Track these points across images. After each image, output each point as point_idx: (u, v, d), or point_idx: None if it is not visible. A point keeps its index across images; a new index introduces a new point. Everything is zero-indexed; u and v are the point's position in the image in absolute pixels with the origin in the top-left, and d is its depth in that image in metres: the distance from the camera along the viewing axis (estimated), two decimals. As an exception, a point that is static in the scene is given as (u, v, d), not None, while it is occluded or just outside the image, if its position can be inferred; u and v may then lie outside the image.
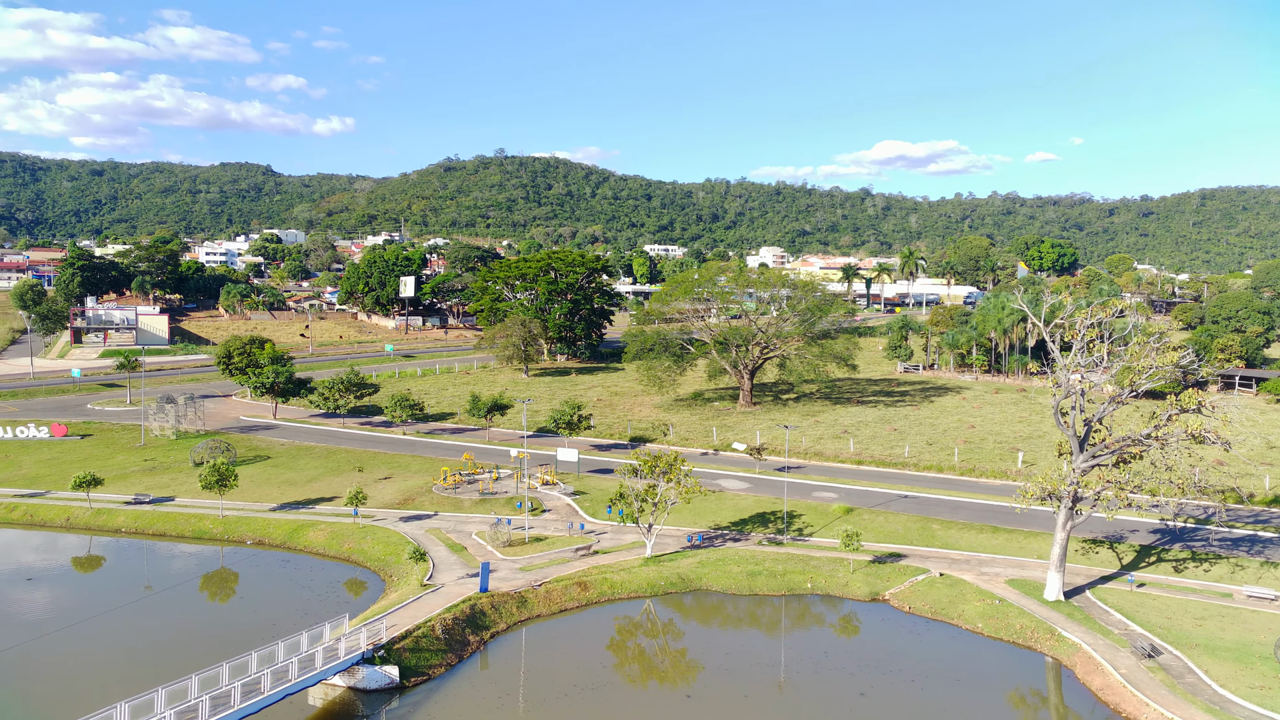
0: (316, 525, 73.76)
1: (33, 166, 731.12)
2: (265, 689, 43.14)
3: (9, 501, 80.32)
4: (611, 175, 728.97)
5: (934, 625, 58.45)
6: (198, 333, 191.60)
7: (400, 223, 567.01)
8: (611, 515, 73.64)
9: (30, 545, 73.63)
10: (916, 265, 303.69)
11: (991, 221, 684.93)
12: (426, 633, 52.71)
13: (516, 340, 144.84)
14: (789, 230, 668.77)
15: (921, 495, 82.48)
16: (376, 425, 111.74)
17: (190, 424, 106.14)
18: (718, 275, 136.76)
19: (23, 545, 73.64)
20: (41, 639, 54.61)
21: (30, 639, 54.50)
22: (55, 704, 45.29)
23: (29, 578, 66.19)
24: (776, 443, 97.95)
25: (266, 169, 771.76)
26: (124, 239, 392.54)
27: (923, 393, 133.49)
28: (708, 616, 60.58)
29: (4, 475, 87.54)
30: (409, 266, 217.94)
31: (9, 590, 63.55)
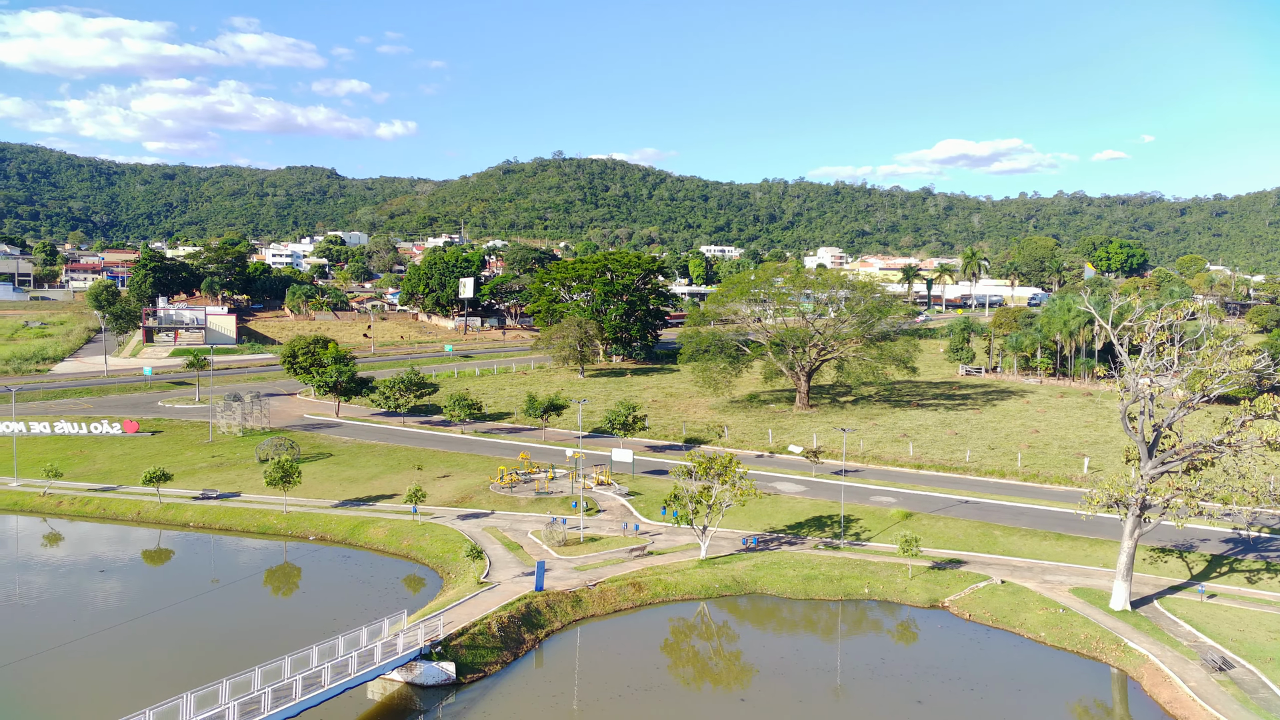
0: (376, 522, 75.01)
1: (108, 171, 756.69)
2: (325, 682, 43.99)
3: (84, 495, 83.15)
4: (668, 176, 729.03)
5: (995, 633, 57.31)
6: (264, 332, 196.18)
7: (460, 225, 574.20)
8: (666, 516, 73.61)
9: (103, 538, 76.13)
10: (979, 266, 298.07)
11: (1057, 221, 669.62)
12: (483, 630, 53.25)
13: (572, 341, 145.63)
14: (848, 231, 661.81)
15: (983, 501, 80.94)
16: (435, 424, 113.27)
17: (256, 422, 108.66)
18: (774, 276, 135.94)
19: (96, 538, 76.17)
20: (113, 628, 56.43)
21: (102, 628, 56.36)
22: (125, 692, 46.68)
23: (102, 569, 68.42)
24: (833, 446, 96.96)
25: (331, 172, 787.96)
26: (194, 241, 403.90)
27: (985, 396, 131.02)
28: (762, 620, 60.21)
29: (79, 470, 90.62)
30: (468, 268, 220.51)
31: (84, 581, 65.77)
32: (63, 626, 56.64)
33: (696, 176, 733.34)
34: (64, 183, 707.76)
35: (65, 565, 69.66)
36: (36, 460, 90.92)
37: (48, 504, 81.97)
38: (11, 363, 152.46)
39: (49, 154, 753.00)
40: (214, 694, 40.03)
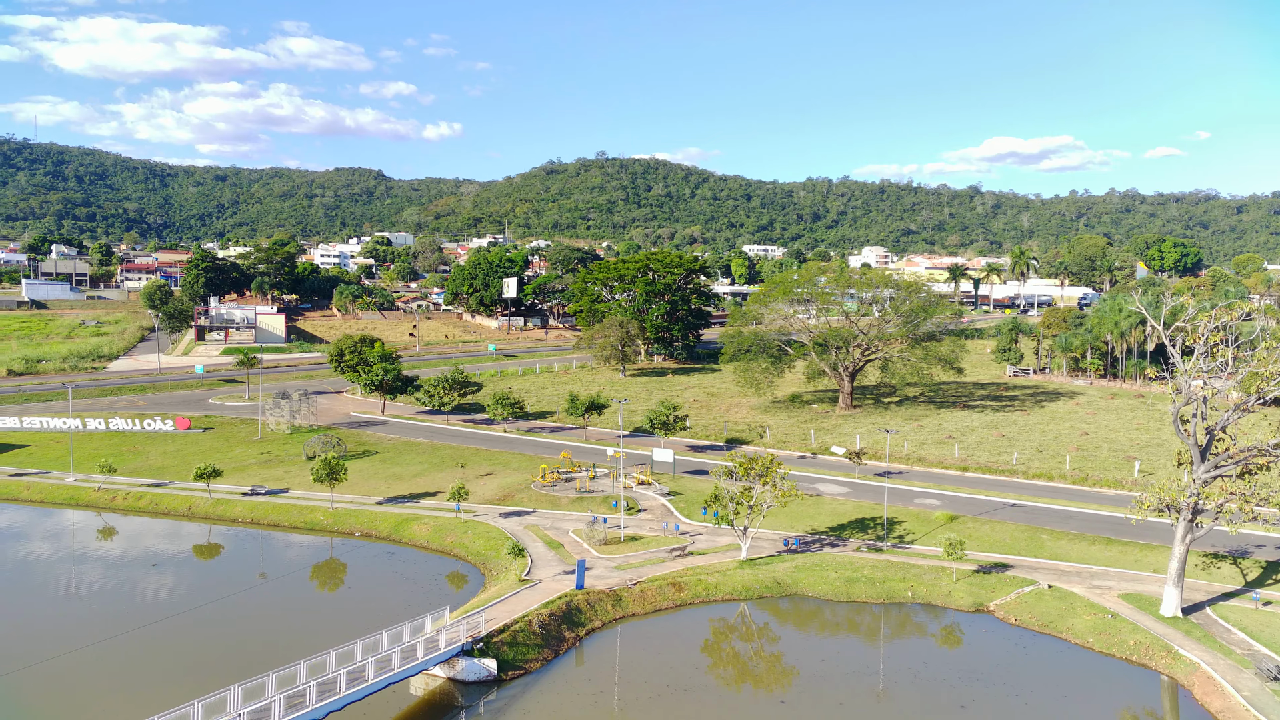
0: (420, 519, 75.84)
1: (162, 173, 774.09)
2: (369, 677, 44.57)
3: (137, 490, 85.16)
4: (711, 175, 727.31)
5: (1041, 639, 56.39)
6: (312, 331, 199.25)
7: (504, 225, 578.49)
8: (706, 517, 73.50)
9: (155, 532, 77.90)
10: (1028, 265, 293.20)
11: (1109, 220, 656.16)
12: (524, 627, 53.59)
13: (614, 341, 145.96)
14: (893, 230, 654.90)
15: (1030, 504, 79.66)
16: (479, 422, 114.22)
17: (304, 419, 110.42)
18: (818, 276, 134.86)
19: (149, 532, 77.96)
20: (165, 621, 57.71)
21: (154, 621, 57.66)
22: (174, 684, 47.70)
23: (154, 563, 70.02)
24: (877, 447, 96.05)
25: (378, 174, 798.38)
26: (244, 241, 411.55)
27: (1033, 397, 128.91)
28: (804, 622, 59.84)
29: (133, 466, 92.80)
30: (511, 268, 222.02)
31: (137, 574, 67.37)
32: (116, 618, 58.07)
33: (740, 176, 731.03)
34: (120, 185, 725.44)
35: (119, 559, 71.40)
36: (92, 456, 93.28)
37: (103, 499, 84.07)
38: (69, 360, 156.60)
39: (105, 157, 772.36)
40: (260, 687, 40.76)
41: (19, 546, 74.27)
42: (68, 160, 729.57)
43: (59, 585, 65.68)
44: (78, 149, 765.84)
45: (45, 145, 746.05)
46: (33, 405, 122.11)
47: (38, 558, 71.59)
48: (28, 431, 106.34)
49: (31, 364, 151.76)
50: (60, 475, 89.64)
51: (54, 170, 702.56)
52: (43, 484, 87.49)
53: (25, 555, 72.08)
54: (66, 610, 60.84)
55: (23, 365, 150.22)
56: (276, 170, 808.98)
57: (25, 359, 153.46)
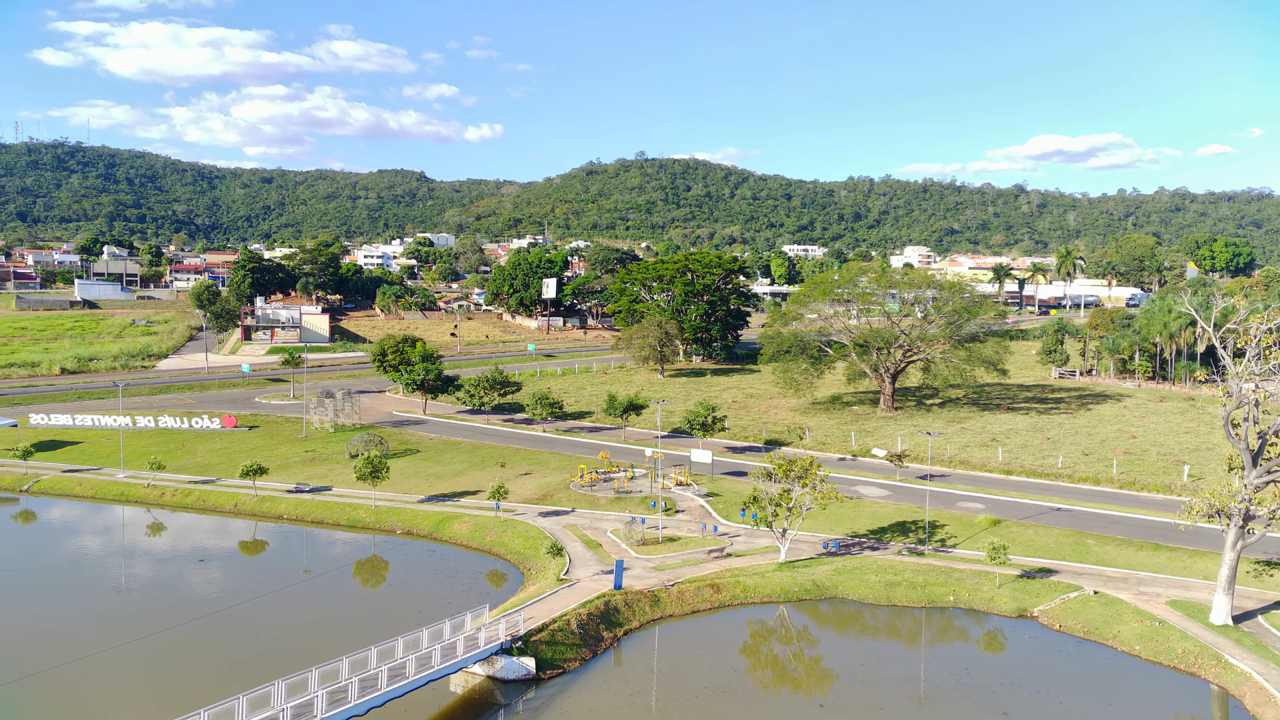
0: (461, 517, 76.49)
1: (210, 175, 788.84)
2: (410, 674, 45.05)
3: (185, 487, 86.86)
4: (751, 175, 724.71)
5: (1086, 646, 55.44)
6: (355, 331, 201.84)
7: (544, 226, 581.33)
8: (745, 518, 73.26)
9: (203, 528, 79.41)
10: (1074, 265, 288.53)
11: (1158, 219, 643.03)
12: (562, 626, 53.82)
13: (653, 341, 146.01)
14: (936, 229, 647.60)
15: (1075, 508, 78.34)
16: (518, 422, 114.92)
17: (347, 418, 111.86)
18: (859, 276, 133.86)
19: (197, 528, 79.50)
20: (211, 616, 58.82)
21: (201, 616, 58.79)
22: (219, 677, 48.60)
23: (201, 559, 71.38)
24: (919, 450, 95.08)
25: (420, 175, 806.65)
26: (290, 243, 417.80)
27: (1079, 400, 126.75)
28: (843, 625, 59.42)
29: (181, 463, 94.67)
30: (551, 269, 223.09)
31: (185, 570, 68.72)
32: (164, 612, 59.28)
33: (780, 175, 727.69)
34: (169, 187, 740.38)
35: (168, 554, 72.89)
36: (141, 453, 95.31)
37: (151, 495, 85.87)
38: (119, 359, 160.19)
39: (155, 159, 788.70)
40: (303, 682, 41.38)
41: (72, 541, 76.15)
42: (119, 163, 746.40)
43: (110, 579, 67.24)
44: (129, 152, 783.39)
45: (98, 148, 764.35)
46: (85, 403, 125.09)
47: (90, 552, 73.34)
48: (80, 429, 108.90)
49: (84, 362, 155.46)
50: (111, 472, 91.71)
51: (106, 173, 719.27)
52: (94, 480, 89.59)
53: (78, 549, 73.88)
54: (117, 603, 62.28)
55: (75, 364, 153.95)
56: (321, 172, 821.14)
57: (78, 358, 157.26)
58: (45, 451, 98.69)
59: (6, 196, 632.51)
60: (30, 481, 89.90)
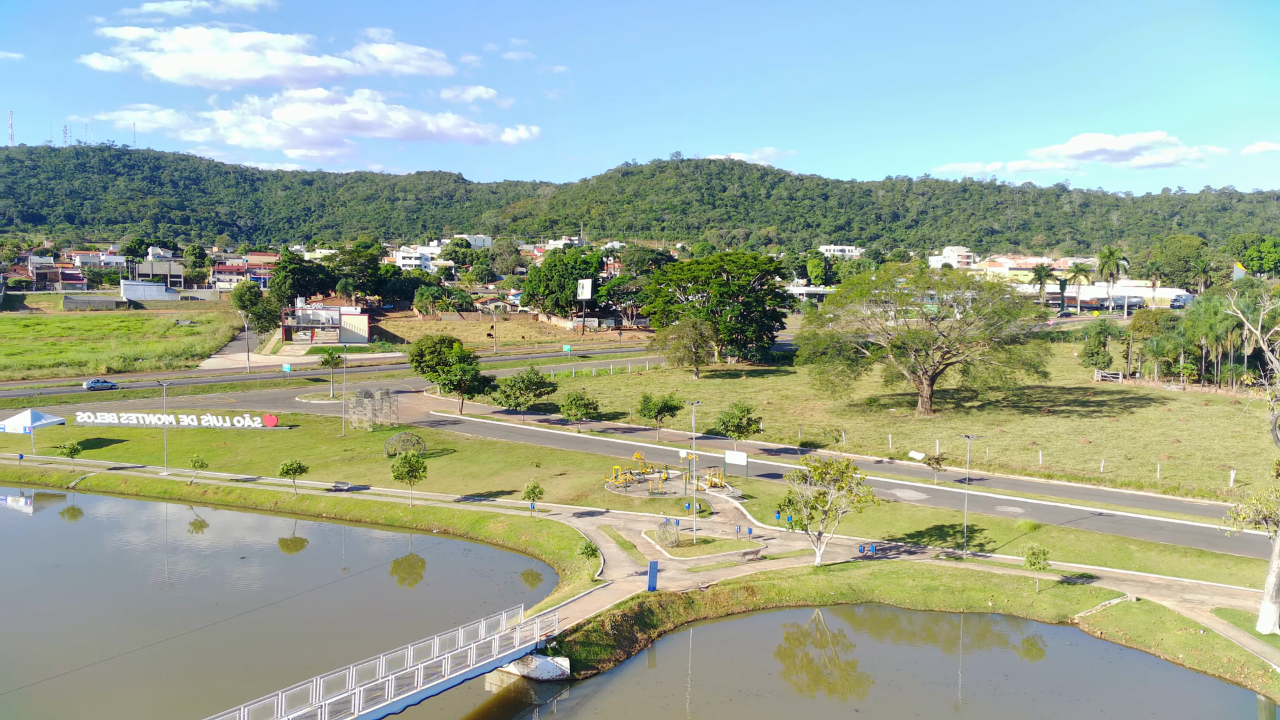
0: (496, 517, 76.95)
1: (252, 178, 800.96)
2: (445, 672, 45.40)
3: (227, 485, 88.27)
4: (787, 175, 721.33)
5: (1128, 653, 54.49)
6: (393, 332, 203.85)
7: (579, 227, 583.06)
8: (780, 521, 72.95)
9: (244, 525, 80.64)
10: (1117, 266, 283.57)
11: (1203, 218, 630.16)
12: (596, 627, 53.93)
13: (688, 342, 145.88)
14: (975, 229, 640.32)
15: (1118, 513, 77.06)
16: (553, 422, 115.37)
17: (385, 417, 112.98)
18: (896, 276, 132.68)
19: (238, 525, 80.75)
20: (252, 613, 59.71)
21: (242, 612, 59.70)
22: (259, 674, 49.32)
23: (242, 556, 72.47)
24: (957, 453, 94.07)
25: (458, 177, 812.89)
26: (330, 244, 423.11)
27: (1122, 403, 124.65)
28: (879, 629, 58.93)
29: (223, 461, 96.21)
30: (586, 270, 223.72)
31: (227, 566, 69.83)
32: (206, 609, 60.29)
33: (816, 175, 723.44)
34: (212, 189, 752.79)
35: (209, 550, 74.11)
36: (185, 451, 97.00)
37: (194, 492, 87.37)
38: (164, 359, 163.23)
39: (199, 162, 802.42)
40: (341, 679, 41.87)
41: (117, 537, 77.71)
42: (164, 166, 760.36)
43: (154, 575, 68.49)
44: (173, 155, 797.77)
45: (143, 151, 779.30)
46: (130, 401, 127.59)
47: (134, 548, 74.79)
48: (125, 427, 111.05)
49: (129, 362, 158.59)
50: (155, 469, 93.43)
51: (151, 175, 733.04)
52: (139, 478, 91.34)
53: (123, 545, 75.37)
54: (161, 599, 63.42)
55: (121, 363, 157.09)
56: (360, 174, 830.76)
57: (123, 357, 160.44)
58: (91, 449, 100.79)
59: (55, 199, 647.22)
60: (77, 479, 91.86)
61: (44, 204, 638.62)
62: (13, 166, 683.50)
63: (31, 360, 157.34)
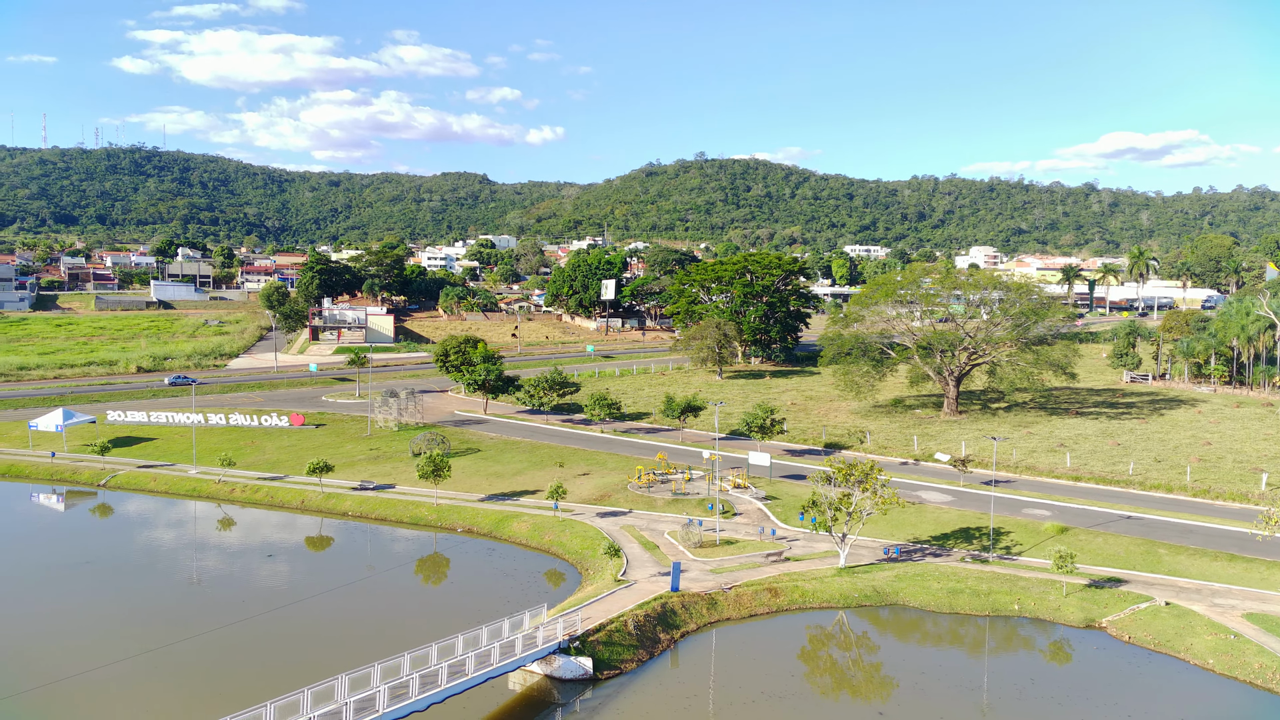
0: (520, 517, 77.21)
1: (280, 179, 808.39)
2: (469, 671, 45.62)
3: (254, 484, 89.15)
4: (812, 175, 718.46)
5: (1157, 658, 53.83)
6: (419, 332, 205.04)
7: (603, 227, 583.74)
8: (803, 522, 72.67)
9: (271, 523, 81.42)
10: (1147, 266, 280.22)
11: (1235, 218, 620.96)
12: (619, 627, 53.98)
13: (711, 342, 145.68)
14: (1003, 229, 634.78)
15: (1146, 516, 76.14)
16: (577, 422, 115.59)
17: (410, 417, 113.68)
18: (922, 276, 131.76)
19: (265, 523, 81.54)
20: (278, 610, 60.28)
21: (268, 609, 60.29)
22: (284, 671, 49.79)
23: (269, 554, 73.17)
24: (983, 454, 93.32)
25: (483, 178, 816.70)
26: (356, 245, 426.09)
27: (1151, 405, 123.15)
28: (904, 632, 58.57)
29: (251, 460, 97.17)
30: (610, 270, 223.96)
31: (254, 564, 70.53)
32: (233, 606, 60.93)
33: (841, 175, 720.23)
34: (240, 190, 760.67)
35: (237, 548, 74.89)
36: (213, 449, 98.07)
37: (222, 490, 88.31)
38: (193, 358, 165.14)
39: (228, 164, 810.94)
40: (366, 677, 42.18)
41: (147, 534, 78.72)
42: (193, 167, 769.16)
43: (183, 572, 69.32)
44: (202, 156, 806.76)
45: (173, 153, 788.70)
46: (159, 400, 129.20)
47: (163, 545, 75.72)
48: (155, 425, 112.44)
49: (159, 361, 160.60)
50: (184, 468, 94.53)
51: (180, 177, 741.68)
52: (168, 475, 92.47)
53: (152, 542, 76.33)
54: (188, 597, 64.15)
55: (151, 362, 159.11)
56: (387, 175, 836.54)
57: (153, 356, 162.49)
58: (122, 447, 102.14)
59: (87, 200, 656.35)
60: (108, 476, 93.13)
61: (76, 205, 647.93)
62: (46, 168, 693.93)
63: (63, 359, 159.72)
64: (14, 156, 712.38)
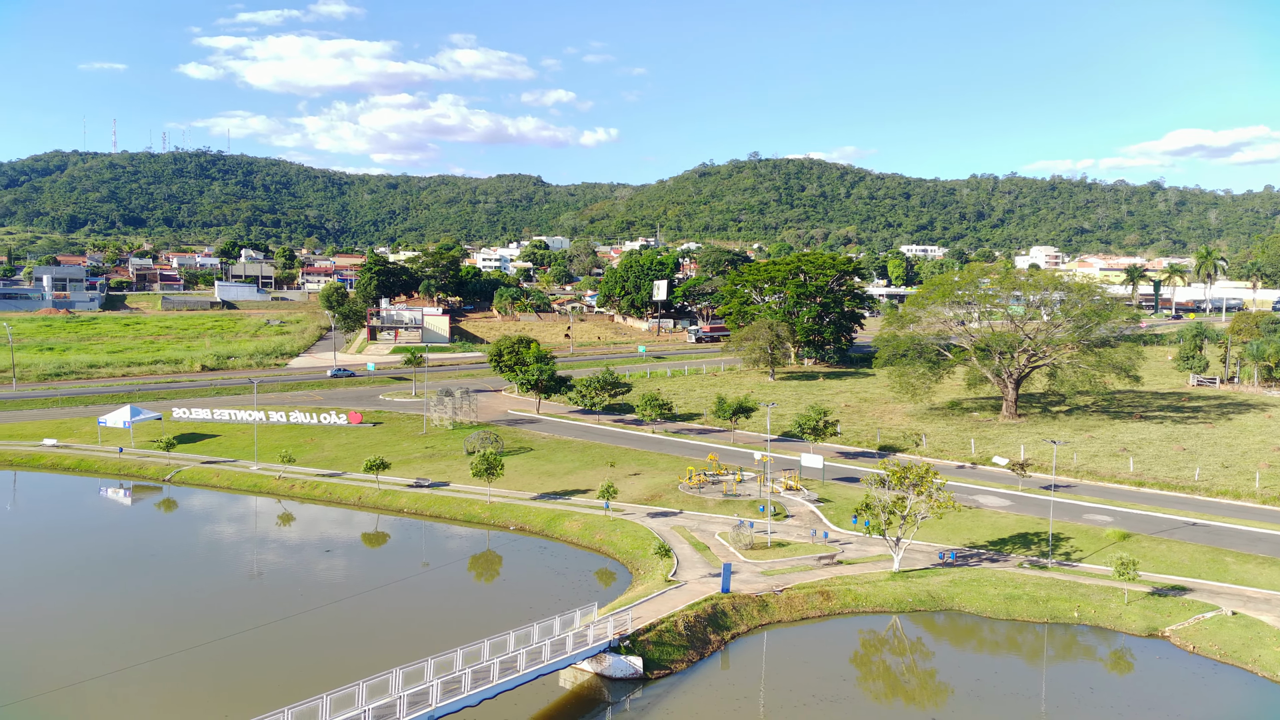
0: (571, 515, 77.62)
1: (339, 182, 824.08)
2: (520, 667, 46.00)
3: (313, 480, 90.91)
4: (868, 174, 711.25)
5: (1223, 669, 52.24)
6: (473, 332, 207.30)
7: (656, 228, 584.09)
8: (856, 526, 71.97)
9: (329, 519, 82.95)
10: (1215, 266, 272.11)
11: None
12: (669, 628, 53.98)
13: (763, 343, 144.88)
14: (1064, 228, 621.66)
15: (1213, 524, 73.95)
16: (628, 423, 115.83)
17: (464, 416, 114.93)
18: (981, 277, 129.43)
19: (323, 519, 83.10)
20: (336, 604, 61.40)
21: (326, 603, 61.44)
22: (341, 665, 50.65)
23: (328, 549, 74.56)
24: (1043, 458, 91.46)
25: (537, 180, 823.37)
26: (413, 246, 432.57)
27: (1219, 409, 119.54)
28: (960, 638, 57.66)
29: (310, 457, 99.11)
30: (662, 271, 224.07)
31: (313, 559, 71.94)
32: (293, 599, 62.20)
33: (898, 174, 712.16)
34: (302, 193, 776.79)
35: (296, 543, 76.42)
36: (274, 446, 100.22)
37: (282, 486, 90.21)
38: (255, 357, 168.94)
39: (289, 167, 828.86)
40: (419, 672, 42.77)
41: (210, 529, 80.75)
42: (256, 171, 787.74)
43: (245, 565, 70.97)
44: (265, 160, 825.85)
45: (236, 157, 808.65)
46: (222, 398, 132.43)
47: (226, 539, 77.60)
48: (218, 423, 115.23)
49: (222, 360, 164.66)
50: (245, 464, 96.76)
51: (244, 180, 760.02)
52: (230, 471, 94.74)
53: (215, 537, 78.28)
54: (250, 591, 65.63)
55: (214, 361, 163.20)
56: (443, 178, 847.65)
57: (217, 355, 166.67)
58: (186, 444, 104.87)
59: (155, 203, 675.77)
60: (172, 472, 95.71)
61: (144, 208, 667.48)
62: (116, 172, 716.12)
63: (131, 358, 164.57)
64: (85, 161, 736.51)
